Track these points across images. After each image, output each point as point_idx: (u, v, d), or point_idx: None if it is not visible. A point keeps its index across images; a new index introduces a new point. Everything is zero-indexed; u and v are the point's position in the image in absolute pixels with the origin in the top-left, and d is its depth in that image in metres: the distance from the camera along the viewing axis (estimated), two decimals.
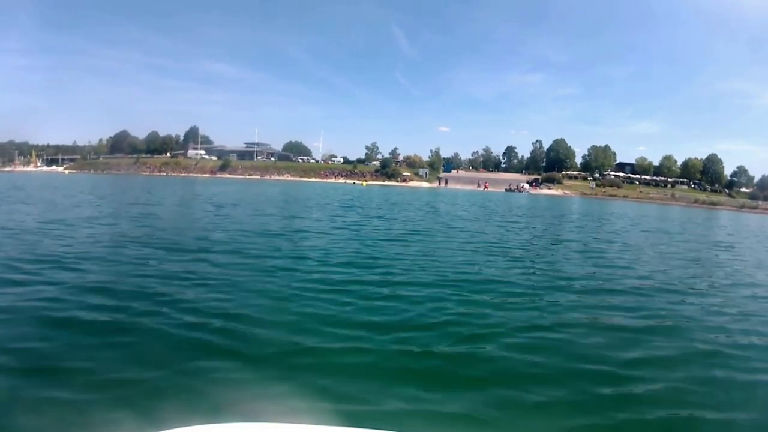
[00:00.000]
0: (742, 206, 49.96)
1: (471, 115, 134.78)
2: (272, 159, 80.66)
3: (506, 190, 58.46)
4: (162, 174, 69.82)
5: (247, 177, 67.48)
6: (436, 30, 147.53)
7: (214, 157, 78.71)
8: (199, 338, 3.61)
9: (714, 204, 51.35)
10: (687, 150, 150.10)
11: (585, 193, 59.29)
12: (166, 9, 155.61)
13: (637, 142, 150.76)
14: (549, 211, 24.67)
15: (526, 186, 61.66)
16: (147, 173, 70.93)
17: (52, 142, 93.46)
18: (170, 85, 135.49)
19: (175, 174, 69.71)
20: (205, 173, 70.77)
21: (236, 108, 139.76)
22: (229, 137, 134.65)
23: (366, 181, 61.87)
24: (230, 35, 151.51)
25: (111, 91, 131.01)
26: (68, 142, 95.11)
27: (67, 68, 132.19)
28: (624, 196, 56.91)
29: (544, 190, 60.48)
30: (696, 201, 53.14)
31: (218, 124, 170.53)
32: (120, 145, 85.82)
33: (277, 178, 67.39)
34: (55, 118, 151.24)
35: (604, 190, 61.87)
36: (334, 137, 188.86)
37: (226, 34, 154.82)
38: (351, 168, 73.18)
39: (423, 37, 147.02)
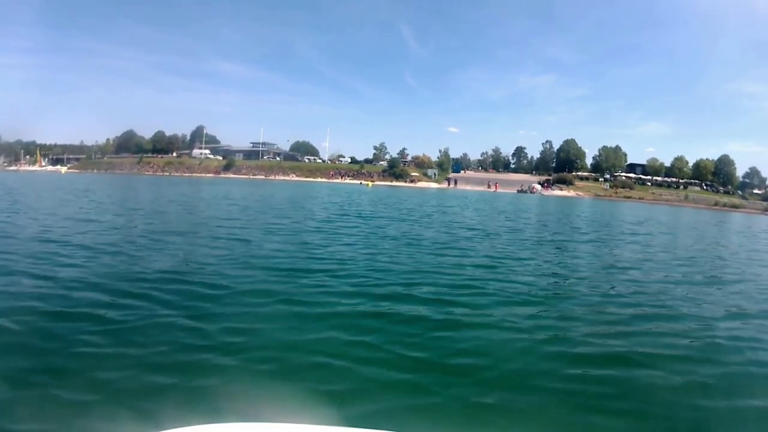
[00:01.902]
0: (767, 209, 48.27)
1: (480, 116, 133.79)
2: (278, 159, 79.45)
3: (518, 191, 57.04)
4: (165, 174, 68.73)
5: (252, 177, 66.21)
6: (446, 30, 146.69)
7: (219, 157, 77.54)
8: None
9: (736, 206, 49.72)
10: (695, 151, 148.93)
11: (598, 195, 57.77)
12: (176, 8, 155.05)
13: (645, 143, 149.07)
14: (589, 222, 21.35)
15: (538, 187, 60.14)
16: (150, 173, 69.86)
17: (60, 142, 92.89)
18: (179, 85, 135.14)
19: (179, 174, 68.56)
20: (209, 173, 69.58)
21: (245, 107, 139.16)
22: (237, 137, 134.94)
23: (372, 181, 60.55)
24: (240, 34, 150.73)
25: (120, 91, 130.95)
26: (76, 142, 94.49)
27: (75, 68, 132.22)
28: (639, 198, 55.40)
29: (556, 192, 58.93)
30: (716, 204, 51.52)
31: (226, 123, 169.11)
32: (126, 144, 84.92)
33: (283, 178, 66.09)
34: (63, 118, 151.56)
35: (617, 191, 60.33)
36: (342, 137, 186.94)
37: (235, 33, 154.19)
38: (358, 168, 71.79)
39: (432, 37, 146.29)
